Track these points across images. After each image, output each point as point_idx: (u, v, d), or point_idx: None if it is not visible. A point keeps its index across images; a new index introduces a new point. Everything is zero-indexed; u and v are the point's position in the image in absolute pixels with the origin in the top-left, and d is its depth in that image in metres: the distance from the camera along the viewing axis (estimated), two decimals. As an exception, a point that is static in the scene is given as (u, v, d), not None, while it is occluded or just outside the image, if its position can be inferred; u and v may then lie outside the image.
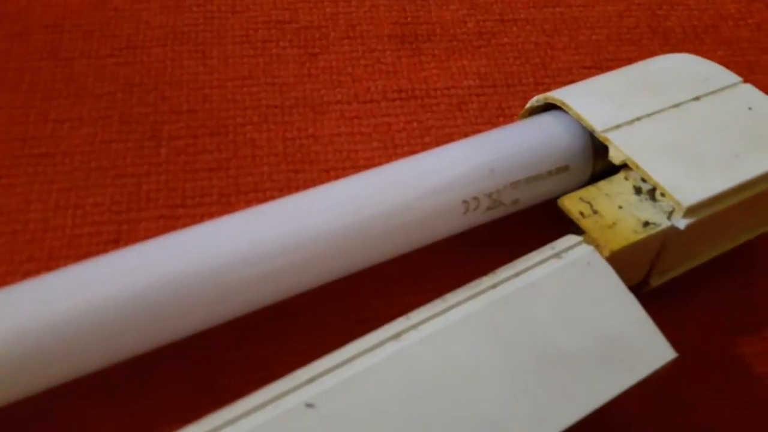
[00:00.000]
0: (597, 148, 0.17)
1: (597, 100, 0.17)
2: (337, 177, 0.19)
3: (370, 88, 0.21)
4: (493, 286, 0.14)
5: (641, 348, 0.13)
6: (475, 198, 0.16)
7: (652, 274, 0.16)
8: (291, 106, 0.20)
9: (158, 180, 0.18)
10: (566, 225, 0.16)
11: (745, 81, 0.19)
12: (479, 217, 0.17)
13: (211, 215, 0.18)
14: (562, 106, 0.17)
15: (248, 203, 0.18)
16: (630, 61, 0.23)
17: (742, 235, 0.17)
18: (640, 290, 0.16)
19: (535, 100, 0.18)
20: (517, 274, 0.14)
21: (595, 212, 0.15)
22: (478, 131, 0.20)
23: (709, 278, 0.18)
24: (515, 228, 0.18)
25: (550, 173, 0.17)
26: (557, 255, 0.14)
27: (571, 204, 0.15)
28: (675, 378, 0.16)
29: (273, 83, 0.21)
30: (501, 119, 0.21)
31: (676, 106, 0.17)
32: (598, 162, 0.17)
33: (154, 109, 0.20)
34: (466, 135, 0.20)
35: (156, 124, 0.19)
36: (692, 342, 0.17)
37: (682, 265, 0.17)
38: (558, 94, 0.18)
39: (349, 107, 0.21)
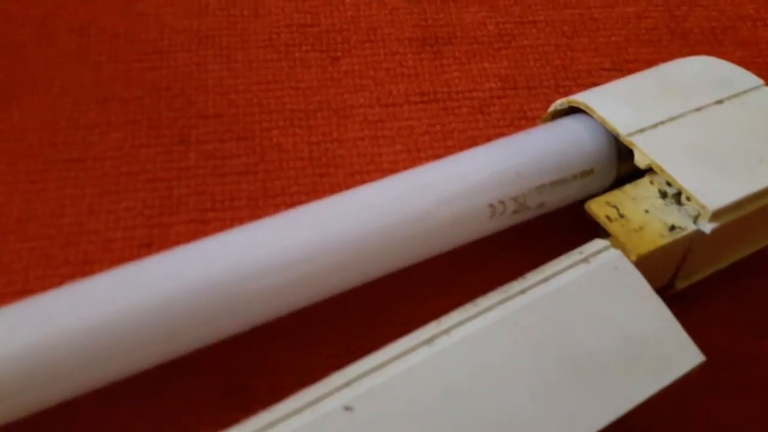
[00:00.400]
0: (621, 151, 0.17)
1: (620, 104, 0.18)
2: (362, 180, 0.19)
3: (393, 91, 0.21)
4: (523, 291, 0.14)
5: (669, 352, 0.13)
6: (501, 202, 0.17)
7: (678, 276, 0.17)
8: (315, 110, 0.21)
9: (188, 184, 0.19)
10: (590, 228, 0.16)
11: (766, 82, 0.19)
12: (505, 220, 0.17)
13: (240, 219, 0.18)
14: (586, 110, 0.17)
15: (276, 207, 0.19)
16: (649, 62, 0.23)
17: (766, 238, 0.17)
18: (665, 293, 0.17)
19: (559, 104, 0.18)
20: (546, 279, 0.14)
21: (622, 216, 0.16)
22: (501, 134, 0.21)
23: (733, 279, 0.18)
24: (540, 231, 0.18)
25: (575, 177, 0.17)
26: (585, 260, 0.15)
27: (598, 208, 0.16)
28: (698, 379, 0.16)
29: (297, 87, 0.21)
30: (523, 122, 0.21)
31: (698, 109, 0.17)
32: (622, 165, 0.18)
33: (181, 113, 0.20)
34: (488, 138, 0.21)
35: (184, 128, 0.20)
36: (717, 343, 0.17)
37: (707, 268, 0.17)
38: (581, 98, 0.18)
39: (372, 111, 0.21)
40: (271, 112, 0.20)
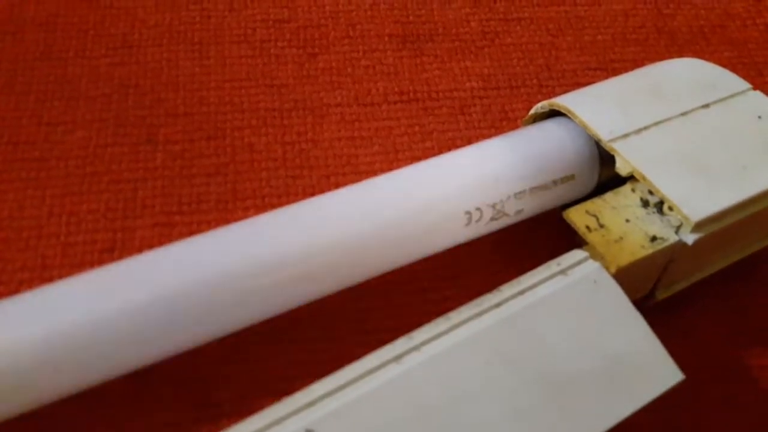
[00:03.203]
0: (603, 156, 0.17)
1: (603, 108, 0.17)
2: (337, 183, 0.19)
3: (371, 90, 0.21)
4: (498, 305, 0.13)
5: (649, 370, 0.13)
6: (478, 209, 0.16)
7: (658, 287, 0.16)
8: (290, 109, 0.20)
9: (154, 186, 0.18)
10: (568, 232, 0.15)
11: (754, 83, 0.18)
12: (482, 228, 0.16)
13: (208, 223, 0.17)
14: (567, 114, 0.17)
15: (246, 210, 0.18)
16: (636, 62, 0.23)
17: (749, 247, 0.17)
18: (645, 303, 0.16)
19: (540, 107, 0.18)
20: (522, 292, 0.14)
21: (602, 226, 0.15)
22: (481, 136, 0.20)
23: (713, 287, 0.17)
24: (518, 237, 0.18)
25: (555, 183, 0.17)
26: (563, 272, 0.14)
27: (577, 217, 0.15)
28: (680, 390, 0.16)
29: (271, 85, 0.20)
30: (504, 123, 0.21)
31: (684, 114, 0.17)
32: (603, 170, 0.17)
33: (150, 111, 0.19)
34: (468, 140, 0.20)
35: (152, 127, 0.19)
36: (697, 353, 0.16)
37: (688, 278, 0.16)
38: (563, 101, 0.17)
39: (350, 110, 0.20)
40: (244, 111, 0.20)
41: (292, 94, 0.20)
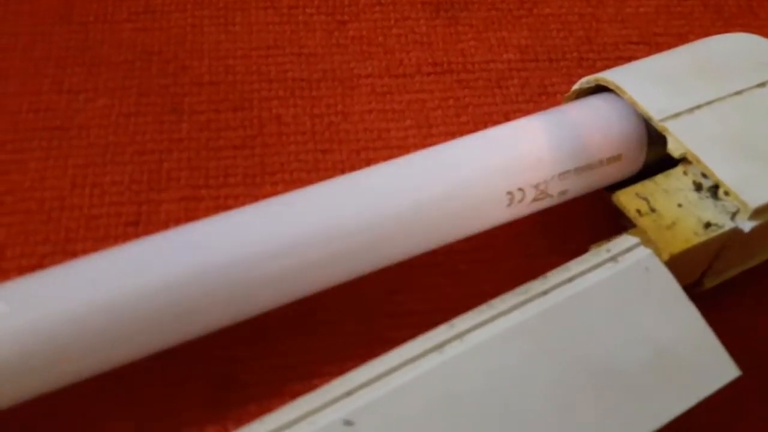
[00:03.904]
0: (651, 135, 0.16)
1: (652, 85, 0.16)
2: (368, 158, 0.18)
3: (403, 60, 0.20)
4: (544, 293, 0.13)
5: (703, 365, 0.12)
6: (521, 189, 0.15)
7: (708, 274, 0.15)
8: (319, 80, 0.19)
9: (180, 158, 0.17)
10: (612, 214, 0.15)
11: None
12: (524, 209, 0.16)
13: (235, 197, 0.17)
14: (616, 90, 0.16)
15: (275, 185, 0.17)
16: (680, 36, 0.21)
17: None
18: (693, 290, 0.15)
19: (585, 81, 0.17)
20: (570, 279, 0.13)
21: (653, 210, 0.14)
22: (519, 111, 0.19)
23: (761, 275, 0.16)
24: (559, 218, 0.17)
25: (601, 163, 0.16)
26: (613, 258, 0.13)
27: (628, 200, 0.14)
28: (729, 386, 0.15)
29: (299, 54, 0.20)
30: (543, 98, 0.20)
31: (738, 93, 0.16)
32: (651, 150, 0.16)
33: (174, 80, 0.19)
34: (505, 115, 0.19)
35: (177, 96, 0.18)
36: (748, 346, 0.16)
37: (739, 265, 0.16)
38: (610, 76, 0.16)
39: (381, 81, 0.19)
40: (271, 81, 0.19)
41: (321, 63, 0.19)
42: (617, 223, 0.15)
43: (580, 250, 0.14)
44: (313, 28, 0.20)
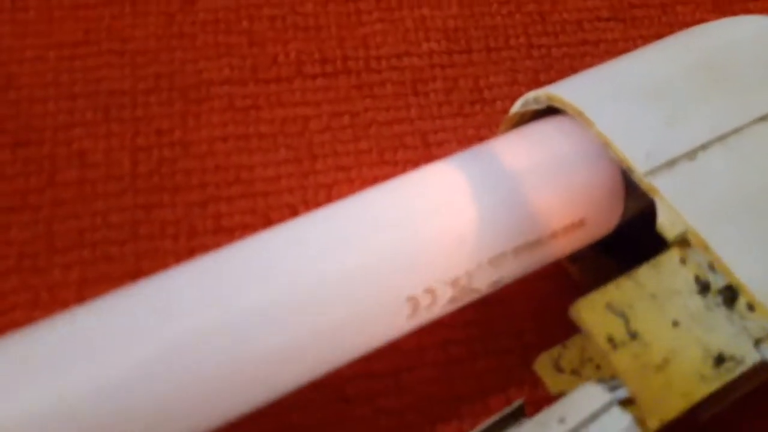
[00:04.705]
0: (630, 181, 0.10)
1: (632, 107, 0.10)
2: (217, 213, 0.12)
3: (278, 56, 0.14)
4: None
5: None
6: (429, 290, 0.10)
7: (706, 408, 0.10)
8: (148, 91, 0.13)
9: None
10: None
11: None
12: (435, 312, 0.10)
13: (1, 296, 0.11)
14: (578, 117, 0.10)
15: (66, 270, 0.11)
16: (664, 8, 0.16)
17: None
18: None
19: (532, 99, 0.11)
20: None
21: (634, 336, 0.09)
22: (443, 129, 0.14)
23: None
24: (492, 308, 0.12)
25: (554, 235, 0.10)
26: (568, 437, 0.08)
27: (594, 318, 0.09)
28: None
29: (122, 51, 0.13)
30: (477, 107, 0.14)
31: (763, 119, 0.10)
32: (630, 204, 0.11)
33: None
34: (423, 136, 0.14)
35: None
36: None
37: (745, 387, 0.11)
38: (569, 93, 0.11)
39: (243, 90, 0.13)
40: (75, 97, 0.13)
41: (154, 65, 0.13)
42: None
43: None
44: (145, 10, 0.14)
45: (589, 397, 0.08)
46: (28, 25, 0.13)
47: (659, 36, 0.13)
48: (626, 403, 0.09)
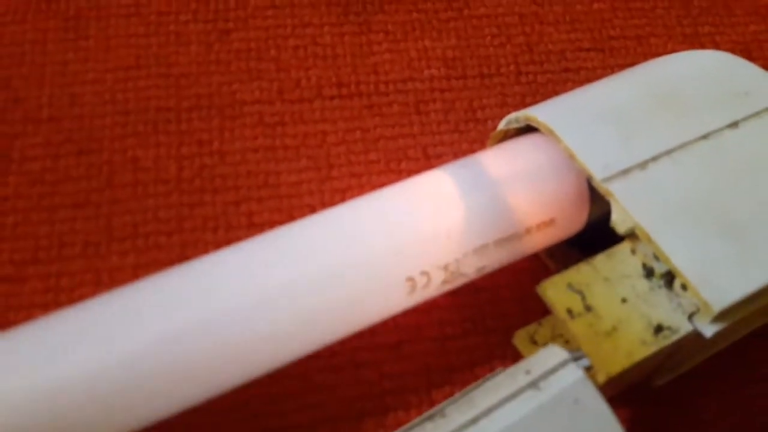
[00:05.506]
0: (595, 189, 0.13)
1: (596, 126, 0.13)
2: (249, 211, 0.14)
3: (301, 80, 0.16)
4: (438, 444, 0.09)
5: None
6: (425, 273, 0.12)
7: (657, 375, 0.12)
8: (190, 108, 0.15)
9: (3, 223, 0.14)
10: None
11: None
12: (431, 292, 0.12)
13: (71, 275, 0.13)
14: (549, 135, 0.12)
15: (123, 256, 0.14)
16: (639, 40, 0.18)
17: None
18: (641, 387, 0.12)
19: (514, 119, 0.13)
20: (474, 420, 0.10)
21: (589, 309, 0.11)
22: (441, 143, 0.16)
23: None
24: (478, 294, 0.14)
25: (528, 231, 0.12)
26: (534, 384, 0.10)
27: (556, 295, 0.11)
28: None
29: (167, 75, 0.16)
30: (471, 125, 0.16)
31: (704, 137, 0.13)
32: (596, 208, 0.13)
33: (2, 117, 0.15)
34: (424, 149, 0.16)
35: (3, 139, 0.14)
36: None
37: (693, 359, 0.13)
38: (543, 115, 0.13)
39: (271, 109, 0.16)
40: (129, 113, 0.15)
41: (195, 87, 0.16)
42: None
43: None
44: (188, 40, 0.16)
45: (551, 355, 0.10)
46: (89, 52, 0.16)
47: (634, 64, 0.15)
48: (588, 370, 0.11)
